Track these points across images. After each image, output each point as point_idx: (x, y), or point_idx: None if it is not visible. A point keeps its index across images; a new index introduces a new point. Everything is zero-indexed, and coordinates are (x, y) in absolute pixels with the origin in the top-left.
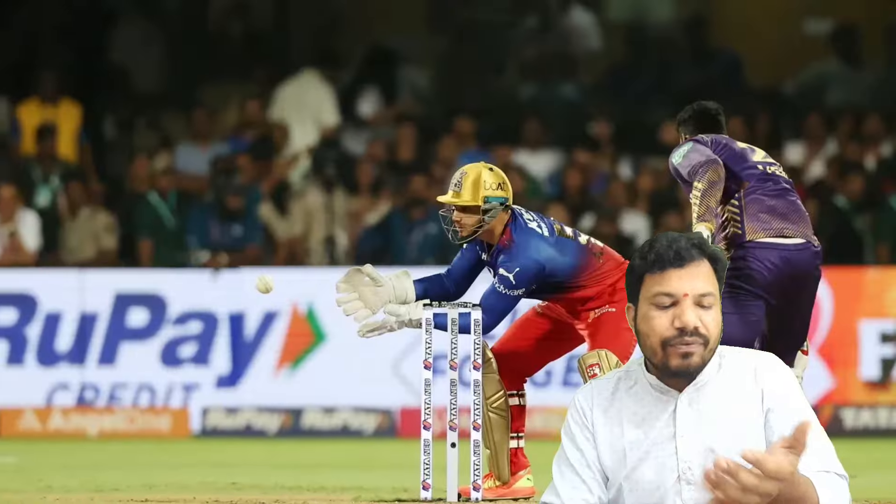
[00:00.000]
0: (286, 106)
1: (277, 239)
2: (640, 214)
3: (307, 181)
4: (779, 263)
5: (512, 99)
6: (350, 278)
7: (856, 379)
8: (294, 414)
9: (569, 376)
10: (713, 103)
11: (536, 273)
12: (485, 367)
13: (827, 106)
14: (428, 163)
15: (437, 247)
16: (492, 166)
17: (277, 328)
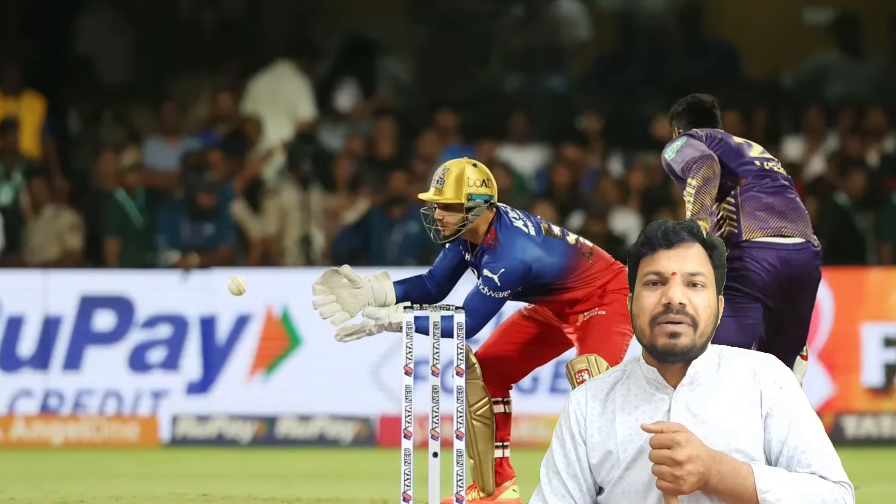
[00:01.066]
0: (260, 99)
1: (251, 238)
2: (631, 212)
3: (282, 178)
4: (777, 264)
5: (497, 91)
6: (327, 279)
7: (858, 385)
8: (268, 422)
9: (556, 382)
10: (708, 96)
11: (522, 274)
12: (468, 372)
13: (827, 99)
14: (408, 158)
15: (418, 247)
16: (475, 162)
17: (251, 332)
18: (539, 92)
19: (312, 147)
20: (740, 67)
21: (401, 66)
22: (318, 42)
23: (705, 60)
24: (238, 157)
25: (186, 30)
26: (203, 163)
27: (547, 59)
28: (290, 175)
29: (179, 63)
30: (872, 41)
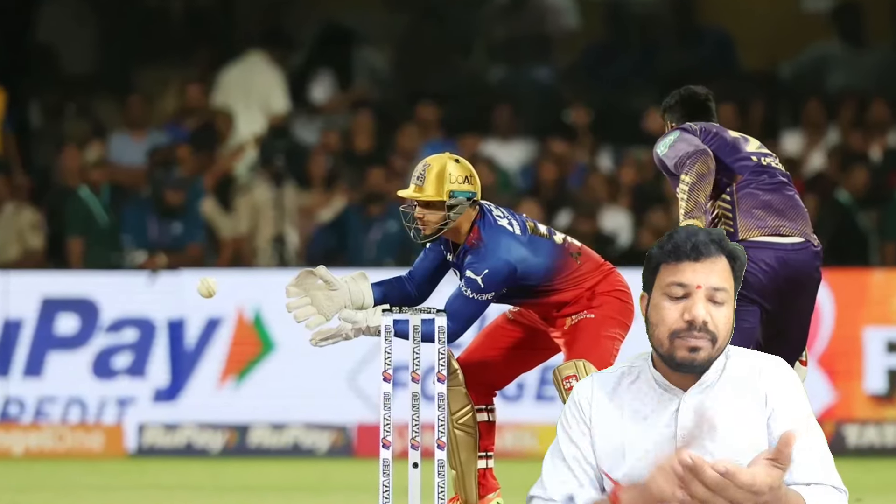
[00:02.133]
0: (231, 91)
1: (221, 238)
2: (621, 210)
3: (254, 174)
4: (775, 265)
5: (480, 83)
6: (301, 281)
7: (860, 392)
8: (240, 431)
9: (543, 389)
10: (702, 88)
11: (507, 275)
12: (450, 379)
13: (827, 91)
14: (387, 154)
15: (398, 246)
16: (458, 157)
17: (221, 336)
18: (524, 84)
19: (286, 142)
20: (736, 58)
21: (379, 57)
22: (292, 31)
23: (699, 50)
24: (208, 153)
25: (154, 18)
26: (171, 158)
27: (533, 50)
28: (263, 171)
29: (146, 53)
30: (875, 30)
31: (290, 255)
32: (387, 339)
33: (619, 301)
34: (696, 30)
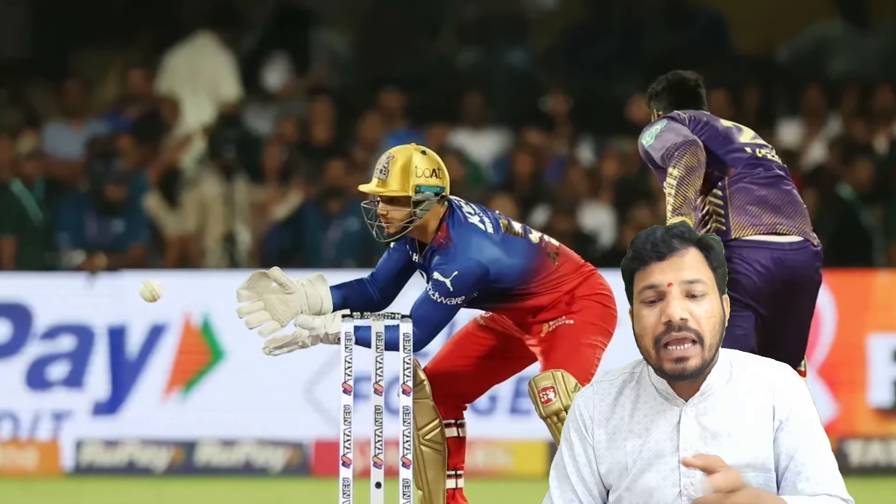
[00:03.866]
0: (177, 76)
1: (166, 236)
2: (603, 207)
3: (202, 167)
4: (770, 266)
5: (449, 68)
6: (254, 284)
7: (864, 405)
8: (186, 447)
9: (517, 402)
10: (692, 73)
11: (478, 277)
12: (416, 391)
13: (828, 76)
14: (348, 145)
15: (359, 246)
16: (425, 149)
17: (166, 344)
18: (498, 68)
19: (237, 132)
20: (729, 40)
21: (338, 39)
22: (244, 11)
23: (689, 32)
24: (152, 144)
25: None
26: (112, 150)
27: (507, 32)
28: (212, 164)
29: (85, 35)
30: (880, 9)
31: (241, 256)
32: (347, 347)
33: (600, 305)
34: (685, 10)
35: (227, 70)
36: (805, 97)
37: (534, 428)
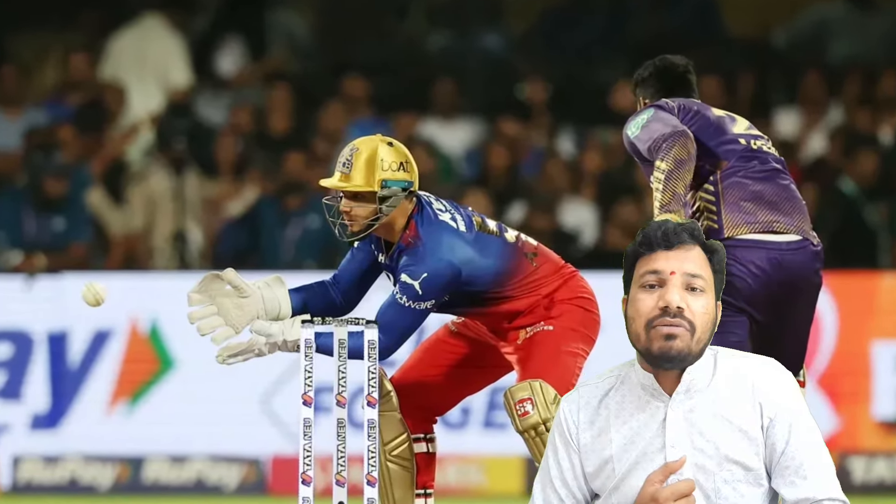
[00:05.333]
0: (123, 61)
1: (111, 235)
2: (585, 203)
3: (150, 159)
4: (766, 267)
5: (418, 53)
6: (206, 286)
7: (867, 418)
8: (133, 464)
9: (492, 415)
10: (680, 58)
11: (450, 279)
12: (382, 402)
13: (829, 61)
14: (308, 136)
15: (320, 245)
16: (391, 140)
17: (111, 352)
18: (471, 53)
19: (188, 121)
20: (721, 22)
21: (298, 21)
22: None
23: (678, 14)
24: (95, 134)
25: None
26: (51, 141)
27: (481, 13)
28: (161, 156)
29: (22, 17)
30: None
31: (192, 256)
32: (307, 355)
33: (581, 310)
34: None
35: (176, 55)
36: (804, 84)
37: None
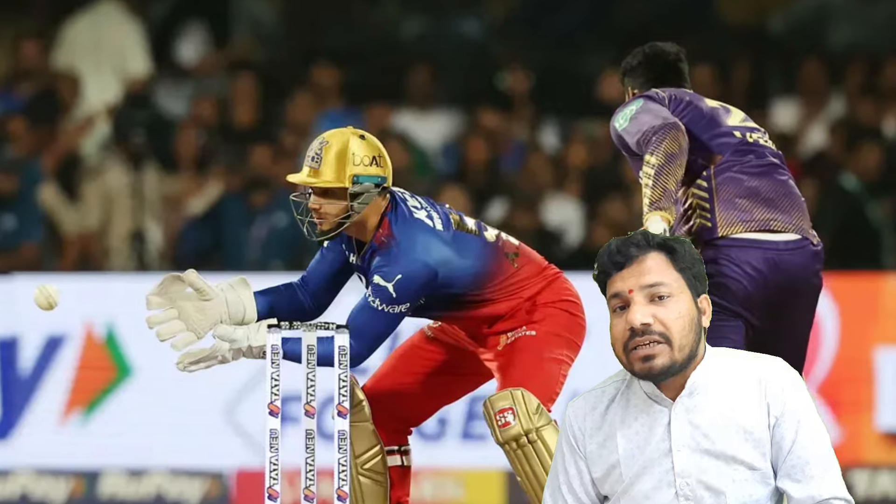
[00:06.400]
0: (77, 49)
1: (65, 234)
2: (569, 199)
3: (106, 154)
4: (763, 268)
5: (391, 39)
6: (166, 289)
7: (870, 429)
8: (88, 478)
9: (470, 426)
10: (671, 45)
11: (426, 281)
12: (354, 413)
13: (830, 49)
14: (274, 128)
15: (288, 245)
16: (363, 133)
17: (65, 359)
18: (447, 40)
19: (147, 113)
20: (715, 7)
21: (263, 6)
22: None
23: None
24: (48, 127)
25: None
26: (1, 133)
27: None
28: (118, 150)
29: None
30: None
31: (151, 257)
32: (274, 362)
33: (566, 314)
34: None
35: (134, 42)
36: (803, 73)
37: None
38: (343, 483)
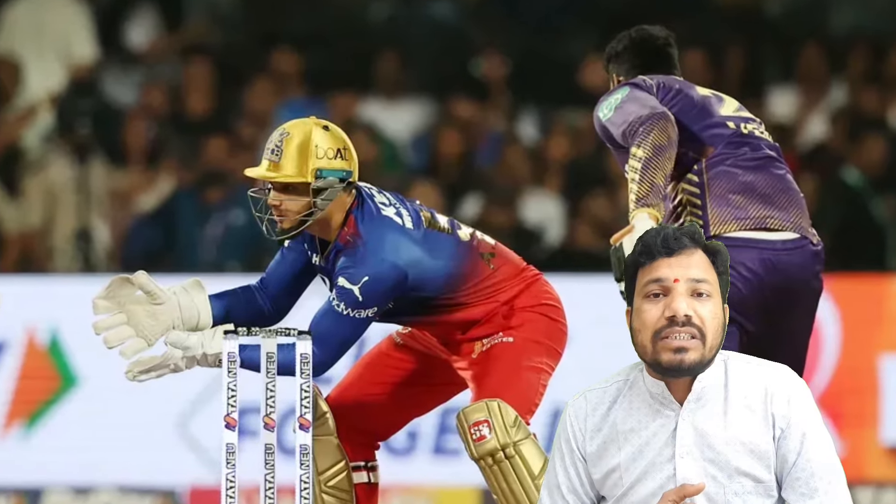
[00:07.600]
0: (18, 33)
1: (4, 233)
2: (549, 195)
3: (49, 146)
4: (759, 270)
5: (358, 23)
6: (114, 292)
7: (874, 443)
8: (29, 496)
9: (442, 440)
10: (660, 29)
11: (394, 283)
12: (317, 426)
13: (831, 33)
14: (231, 118)
15: (246, 244)
16: (327, 124)
17: (4, 367)
18: (418, 24)
19: (93, 101)
20: None
21: None
22: None
23: None
24: None
25: None
26: None
27: None
28: (62, 142)
29: None
30: None
31: (98, 257)
32: (230, 370)
33: (546, 319)
34: None
35: (80, 25)
36: (802, 59)
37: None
38: (306, 501)
